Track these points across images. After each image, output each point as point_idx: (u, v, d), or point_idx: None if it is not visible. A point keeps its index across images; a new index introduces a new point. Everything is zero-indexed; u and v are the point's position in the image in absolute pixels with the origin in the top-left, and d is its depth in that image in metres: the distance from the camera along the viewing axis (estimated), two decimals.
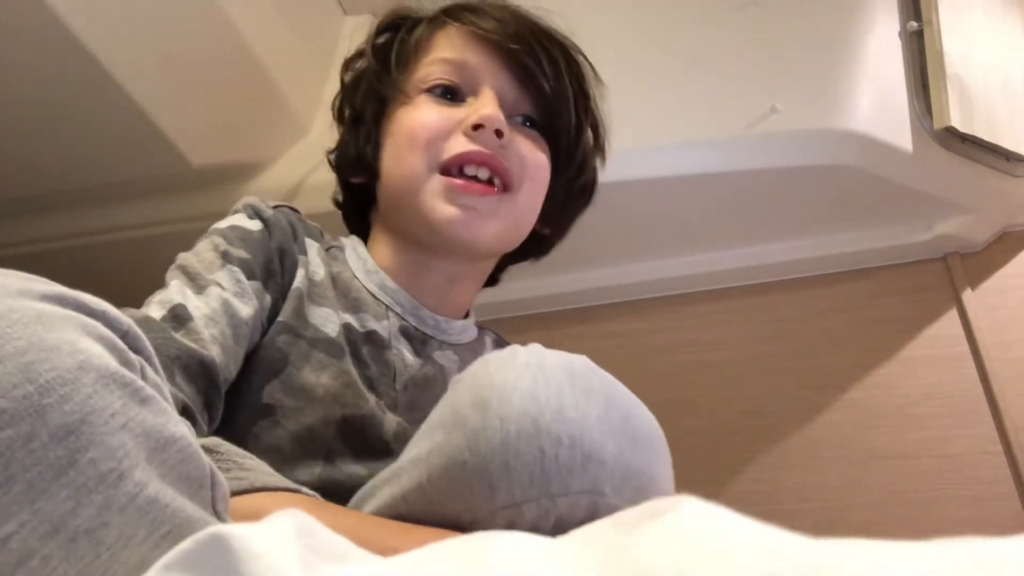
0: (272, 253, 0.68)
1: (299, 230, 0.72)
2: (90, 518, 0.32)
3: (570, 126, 0.76)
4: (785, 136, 1.14)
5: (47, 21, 0.88)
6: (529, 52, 0.72)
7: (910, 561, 0.22)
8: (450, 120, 0.70)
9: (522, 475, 0.41)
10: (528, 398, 0.42)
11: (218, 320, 0.59)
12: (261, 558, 0.24)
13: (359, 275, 0.73)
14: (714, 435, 1.29)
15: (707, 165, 1.17)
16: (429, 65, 0.74)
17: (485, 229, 0.70)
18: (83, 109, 1.01)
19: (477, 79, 0.73)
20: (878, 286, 1.32)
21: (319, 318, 0.67)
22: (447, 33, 0.76)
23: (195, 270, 0.62)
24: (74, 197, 1.19)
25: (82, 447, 0.32)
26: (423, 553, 0.27)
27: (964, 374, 1.22)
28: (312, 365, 0.64)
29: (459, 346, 0.76)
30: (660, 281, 1.37)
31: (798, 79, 1.15)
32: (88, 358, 0.34)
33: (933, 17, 1.17)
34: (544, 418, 0.42)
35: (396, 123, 0.74)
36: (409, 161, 0.70)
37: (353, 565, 0.26)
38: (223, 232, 0.67)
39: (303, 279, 0.68)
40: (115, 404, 0.34)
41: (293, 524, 0.26)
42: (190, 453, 0.37)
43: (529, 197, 0.73)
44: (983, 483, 1.16)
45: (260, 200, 0.71)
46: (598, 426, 0.43)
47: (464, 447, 0.43)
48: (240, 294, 0.62)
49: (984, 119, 1.17)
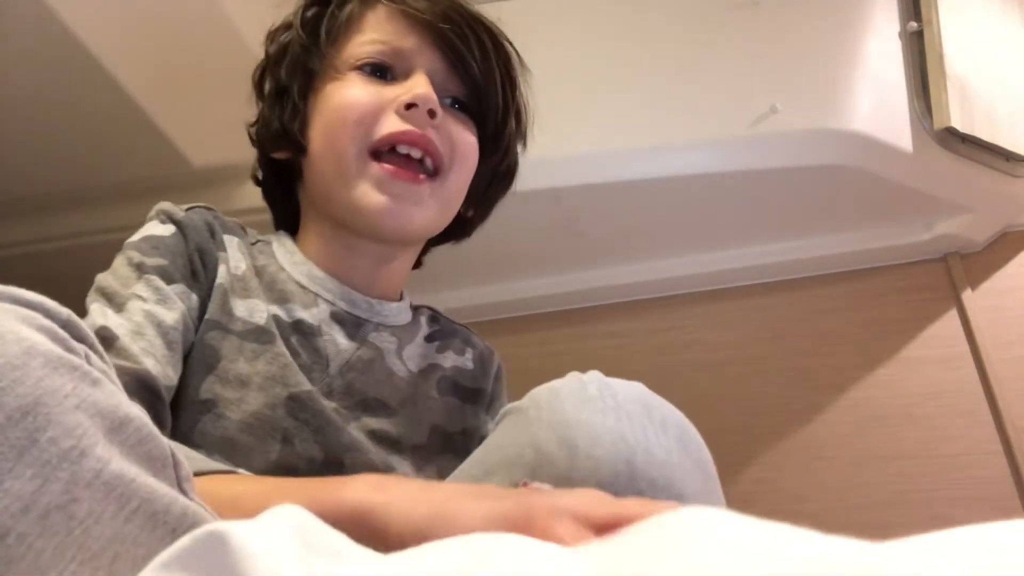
0: (191, 253, 0.68)
1: (216, 227, 0.72)
2: (58, 494, 0.32)
3: (498, 109, 0.76)
4: (785, 136, 1.14)
5: (47, 21, 0.88)
6: (459, 34, 0.72)
7: (910, 559, 0.22)
8: (382, 98, 0.70)
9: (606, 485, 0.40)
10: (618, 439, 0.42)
11: (144, 332, 0.60)
12: (259, 556, 0.23)
13: (286, 267, 0.73)
14: (714, 435, 1.28)
15: (707, 165, 1.17)
16: (360, 43, 0.73)
17: (414, 218, 0.70)
18: (83, 109, 1.02)
19: (408, 58, 0.72)
20: (878, 286, 1.32)
21: (245, 310, 0.68)
22: (378, 11, 0.75)
23: (112, 289, 0.62)
24: (74, 197, 1.19)
25: (40, 427, 0.32)
26: (423, 552, 0.27)
27: (964, 374, 1.22)
28: (245, 356, 0.65)
29: (396, 327, 0.77)
30: (660, 281, 1.37)
31: (798, 79, 1.16)
32: (33, 344, 0.34)
33: (933, 17, 1.17)
34: (637, 460, 0.41)
35: (325, 99, 0.72)
36: (340, 140, 0.69)
37: (351, 563, 0.26)
38: (136, 245, 0.67)
39: (225, 274, 0.69)
40: (67, 386, 0.34)
41: (291, 522, 0.26)
42: (147, 433, 0.38)
43: (458, 180, 0.74)
44: (983, 483, 1.16)
45: (172, 204, 0.71)
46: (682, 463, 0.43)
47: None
48: (162, 300, 0.63)
49: (984, 119, 1.17)
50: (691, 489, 0.43)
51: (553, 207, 1.21)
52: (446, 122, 0.72)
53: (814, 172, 1.16)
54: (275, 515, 0.27)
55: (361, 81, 0.71)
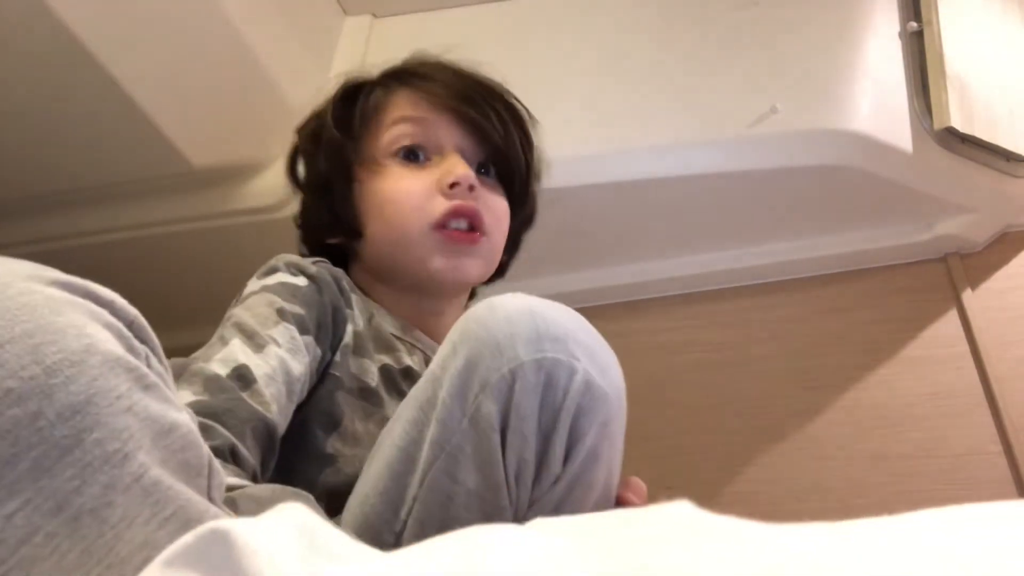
0: (325, 308, 0.72)
1: (343, 282, 0.77)
2: (94, 497, 0.32)
3: (522, 169, 0.85)
4: (785, 136, 1.14)
5: (48, 21, 0.88)
6: (479, 111, 0.81)
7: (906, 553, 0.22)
8: (427, 183, 0.78)
9: (523, 339, 0.53)
10: (524, 301, 0.55)
11: (276, 379, 0.63)
12: (262, 553, 0.24)
13: (384, 323, 0.79)
14: (714, 435, 1.29)
15: (707, 165, 1.17)
16: (391, 127, 0.81)
17: (470, 270, 0.80)
18: (83, 109, 1.02)
19: (437, 138, 0.81)
20: (878, 286, 1.32)
21: (361, 369, 0.73)
22: (400, 95, 0.83)
23: (252, 328, 0.65)
24: (74, 197, 1.19)
25: (88, 427, 0.33)
26: (423, 551, 0.27)
27: (964, 374, 1.22)
28: (359, 416, 0.70)
29: None
30: (660, 281, 1.37)
31: (798, 79, 1.16)
32: (94, 342, 0.35)
33: (933, 17, 1.17)
34: (537, 309, 0.54)
35: (376, 193, 0.80)
36: (402, 225, 0.78)
37: (353, 562, 0.26)
38: (274, 288, 0.70)
39: (351, 334, 0.74)
40: (120, 387, 0.35)
41: (294, 520, 0.26)
42: (191, 440, 0.38)
43: (498, 238, 0.83)
44: (983, 483, 1.16)
45: (298, 257, 0.76)
46: (571, 322, 0.55)
47: (477, 328, 0.54)
48: (294, 351, 0.66)
49: (984, 119, 1.17)
50: (581, 338, 0.55)
51: (553, 207, 1.21)
52: (482, 191, 0.80)
53: (814, 172, 1.17)
54: (279, 513, 0.27)
55: (403, 170, 0.80)
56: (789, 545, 0.24)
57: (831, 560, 0.23)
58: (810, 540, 0.25)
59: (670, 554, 0.25)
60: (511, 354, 0.53)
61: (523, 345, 0.53)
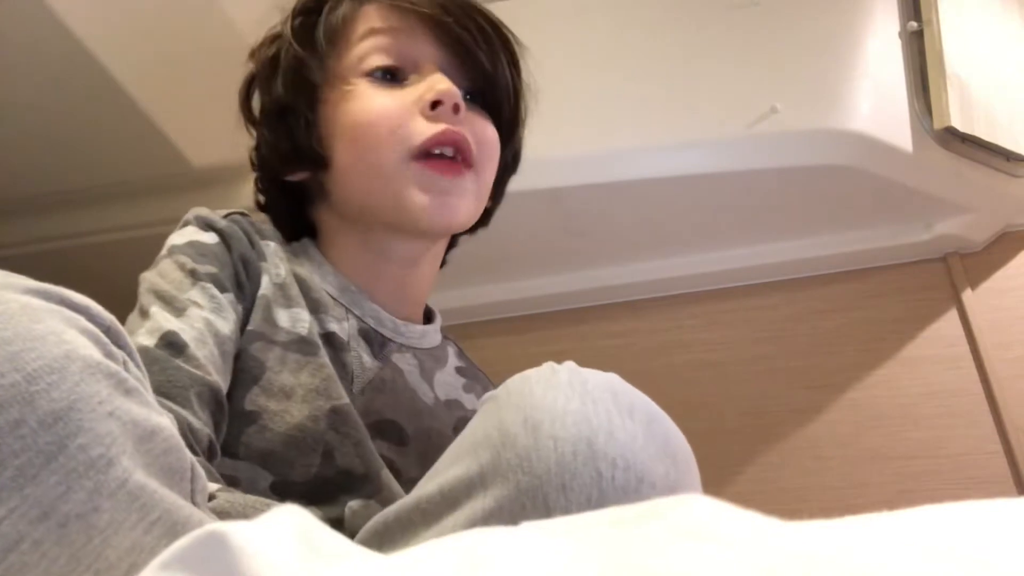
0: (236, 264, 0.67)
1: (254, 235, 0.71)
2: (81, 503, 0.32)
3: (510, 96, 0.75)
4: (785, 136, 1.14)
5: (47, 21, 0.88)
6: (461, 24, 0.70)
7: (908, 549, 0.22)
8: (404, 103, 0.68)
9: (580, 496, 0.40)
10: (581, 420, 0.42)
11: (206, 341, 0.59)
12: (259, 556, 0.23)
13: (316, 277, 0.72)
14: (714, 435, 1.29)
15: (707, 165, 1.17)
16: (362, 46, 0.71)
17: (459, 210, 0.69)
18: (83, 109, 1.01)
19: (416, 56, 0.71)
20: (878, 286, 1.32)
21: (289, 319, 0.67)
22: (372, 8, 0.73)
23: (169, 293, 0.61)
24: (74, 197, 1.19)
25: (71, 433, 0.33)
26: (421, 552, 0.27)
27: (964, 374, 1.22)
28: (289, 367, 0.64)
29: (419, 350, 0.76)
30: (660, 281, 1.37)
31: (798, 79, 1.15)
32: (74, 348, 0.34)
33: (933, 17, 1.17)
34: (598, 440, 0.41)
35: (344, 114, 0.70)
36: (376, 152, 0.68)
37: (352, 564, 0.26)
38: (183, 250, 0.65)
39: (268, 284, 0.68)
40: (102, 392, 0.34)
41: (292, 522, 0.26)
42: (173, 444, 0.38)
43: (488, 174, 0.73)
44: (983, 483, 1.16)
45: (209, 211, 0.70)
46: (646, 447, 0.43)
47: (517, 467, 0.42)
48: (217, 309, 0.62)
49: (984, 119, 1.17)
50: (655, 473, 0.42)
51: (553, 207, 1.21)
52: (469, 117, 0.70)
53: (814, 172, 1.16)
54: (276, 515, 0.27)
55: (376, 89, 0.70)
56: (796, 545, 0.24)
57: (839, 562, 0.23)
58: (818, 540, 0.24)
59: (673, 554, 0.25)
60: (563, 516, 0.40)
61: (579, 505, 0.40)
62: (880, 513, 0.28)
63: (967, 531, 0.24)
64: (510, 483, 0.42)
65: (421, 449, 0.70)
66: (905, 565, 0.22)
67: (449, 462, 0.48)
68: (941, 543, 0.24)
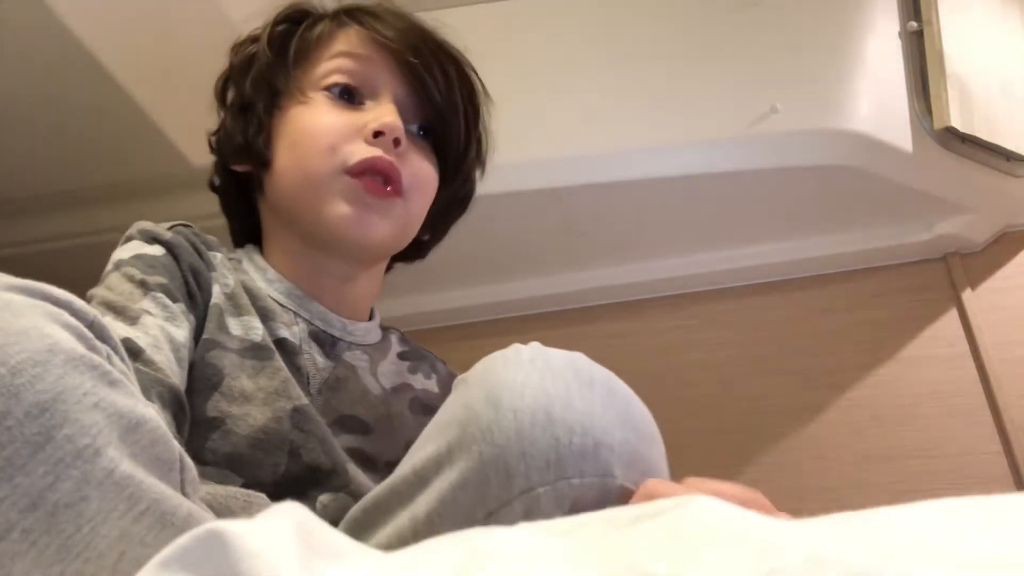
0: (185, 275, 0.68)
1: (200, 246, 0.72)
2: (69, 492, 0.32)
3: (459, 138, 0.79)
4: (785, 136, 1.14)
5: (47, 21, 0.88)
6: (425, 64, 0.75)
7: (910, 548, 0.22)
8: (351, 125, 0.72)
9: (539, 461, 0.43)
10: (539, 392, 0.44)
11: (161, 346, 0.60)
12: (259, 555, 0.23)
13: (261, 285, 0.74)
14: (714, 435, 1.29)
15: (707, 165, 1.17)
16: (328, 65, 0.75)
17: (376, 228, 0.72)
18: (83, 109, 1.01)
19: (375, 83, 0.75)
20: (878, 286, 1.32)
21: (241, 328, 0.68)
22: (349, 34, 0.77)
23: (120, 304, 0.61)
24: (74, 197, 1.19)
25: (57, 424, 0.33)
26: (419, 551, 0.27)
27: (964, 374, 1.22)
28: (247, 372, 0.66)
29: (367, 346, 0.79)
30: (660, 281, 1.37)
31: (798, 79, 1.15)
32: (57, 342, 0.35)
33: (933, 17, 1.17)
34: (555, 409, 0.44)
35: (293, 121, 0.74)
36: (311, 162, 0.71)
37: (350, 563, 0.26)
38: (130, 263, 0.66)
39: (219, 293, 0.69)
40: (86, 384, 0.35)
41: (291, 521, 0.26)
42: (160, 435, 0.38)
43: (417, 205, 0.76)
44: (983, 483, 1.16)
45: (152, 224, 0.72)
46: (604, 415, 0.45)
47: (480, 439, 0.44)
48: (171, 318, 0.63)
49: (984, 119, 1.17)
50: (613, 438, 0.45)
51: (553, 207, 1.21)
52: (409, 150, 0.74)
53: (814, 172, 1.16)
54: (275, 514, 0.27)
55: (329, 105, 0.73)
56: (797, 545, 0.24)
57: (839, 562, 0.23)
58: (818, 540, 0.24)
59: (673, 554, 0.25)
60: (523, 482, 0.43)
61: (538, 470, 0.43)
62: (880, 510, 0.28)
63: (967, 529, 0.25)
64: (473, 455, 0.44)
65: (385, 432, 0.73)
66: (905, 565, 0.22)
67: (421, 444, 0.50)
68: (941, 542, 0.24)
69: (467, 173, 0.84)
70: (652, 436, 0.49)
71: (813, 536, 0.25)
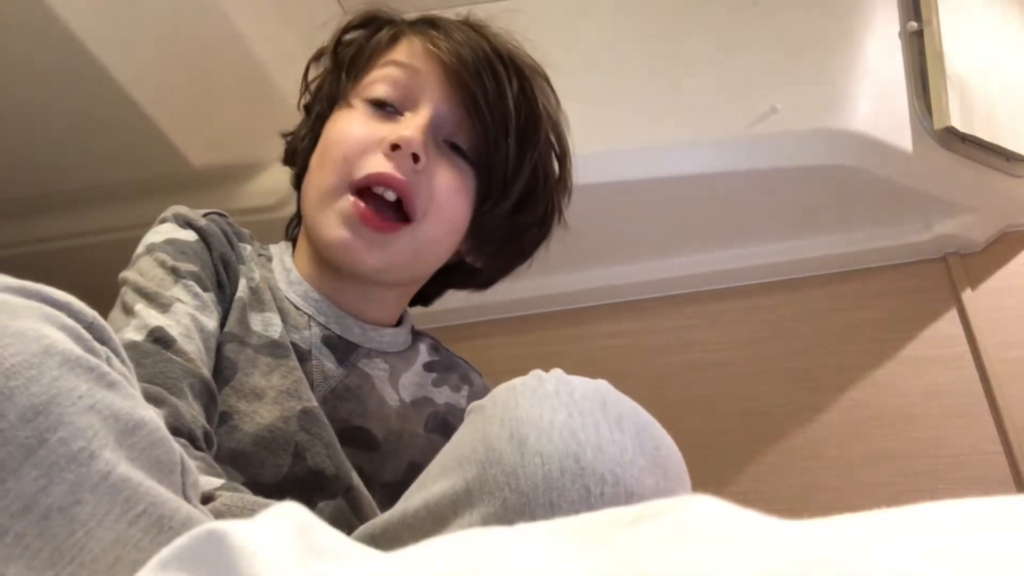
0: (216, 264, 0.68)
1: (232, 237, 0.72)
2: (62, 496, 0.32)
3: (507, 161, 0.71)
4: (785, 136, 1.14)
5: (47, 21, 0.88)
6: (476, 78, 0.69)
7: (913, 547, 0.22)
8: (373, 136, 0.69)
9: (568, 514, 0.39)
10: (567, 434, 0.41)
11: (192, 336, 0.60)
12: (258, 555, 0.23)
13: (282, 285, 0.73)
14: (714, 435, 1.29)
15: (707, 165, 1.17)
16: (378, 70, 0.73)
17: (367, 258, 0.68)
18: (83, 109, 1.01)
19: (417, 95, 0.71)
20: (878, 286, 1.32)
21: (261, 323, 0.68)
22: (404, 44, 0.74)
23: (152, 290, 0.61)
24: (74, 197, 1.19)
25: (51, 427, 0.33)
26: (419, 551, 0.27)
27: (964, 374, 1.22)
28: (261, 370, 0.65)
29: (390, 354, 0.76)
30: (660, 281, 1.37)
31: (798, 79, 1.15)
32: (52, 343, 0.34)
33: (933, 17, 1.17)
34: (586, 456, 0.41)
35: (329, 128, 0.73)
36: (325, 172, 0.70)
37: (350, 562, 0.26)
38: (162, 248, 0.65)
39: (244, 287, 0.69)
40: (81, 387, 0.35)
41: (290, 521, 0.26)
42: (159, 437, 0.38)
43: (434, 229, 0.71)
44: (983, 483, 1.16)
45: (188, 209, 0.71)
46: (635, 460, 0.42)
47: (504, 484, 0.41)
48: (201, 307, 0.63)
49: (984, 119, 1.17)
50: (644, 487, 0.42)
51: None
52: (434, 167, 0.69)
53: (814, 172, 1.16)
54: (275, 514, 0.27)
55: (365, 115, 0.71)
56: (797, 545, 0.24)
57: (839, 562, 0.23)
58: (818, 540, 0.24)
59: (672, 554, 0.25)
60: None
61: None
62: (880, 511, 0.28)
63: (967, 530, 0.24)
64: (497, 500, 0.41)
65: (393, 450, 0.70)
66: (905, 565, 0.22)
67: (435, 475, 0.47)
68: (941, 543, 0.24)
69: (527, 198, 0.76)
70: (680, 475, 0.47)
71: (813, 536, 0.25)
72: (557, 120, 0.78)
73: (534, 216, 0.78)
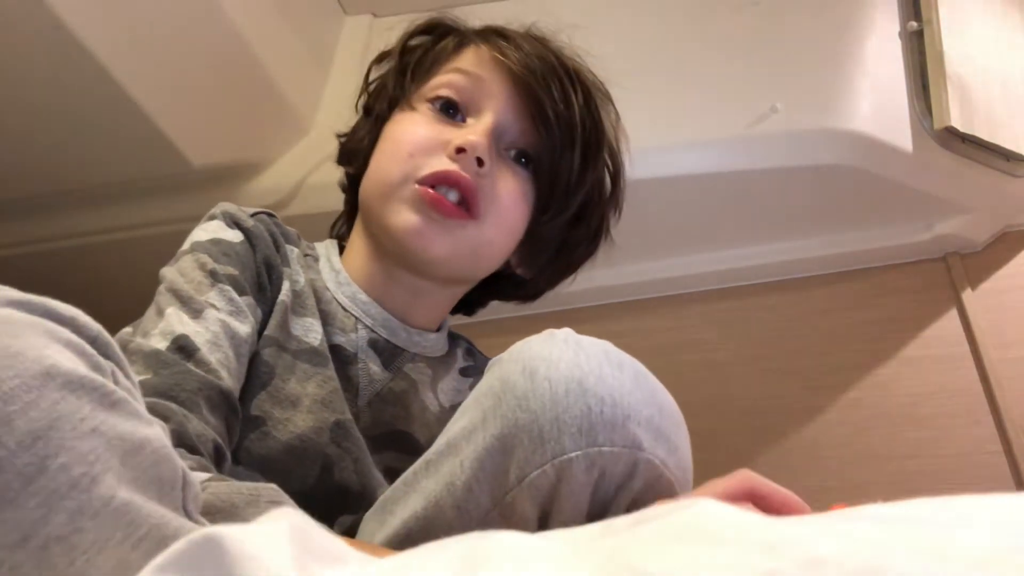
0: (259, 267, 0.67)
1: (279, 239, 0.71)
2: (62, 525, 0.31)
3: (570, 172, 0.72)
4: (785, 136, 1.14)
5: (47, 22, 0.88)
6: (544, 87, 0.70)
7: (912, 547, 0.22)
8: (438, 138, 0.69)
9: (571, 427, 0.46)
10: (573, 365, 0.47)
11: (221, 344, 0.59)
12: (255, 559, 0.23)
13: (330, 286, 0.72)
14: (714, 435, 1.29)
15: (707, 165, 1.17)
16: (443, 75, 0.73)
17: (436, 243, 0.68)
18: (83, 109, 1.01)
19: (481, 101, 0.71)
20: (878, 286, 1.32)
21: (302, 329, 0.67)
22: (471, 51, 0.75)
23: (187, 293, 0.61)
24: (74, 197, 1.19)
25: (51, 453, 0.32)
26: (416, 554, 0.27)
27: (964, 374, 1.22)
28: (297, 376, 0.65)
29: (432, 359, 0.76)
30: (660, 281, 1.37)
31: (798, 79, 1.15)
32: (55, 363, 0.33)
33: (933, 17, 1.17)
34: (588, 381, 0.47)
35: (391, 128, 0.74)
36: (388, 167, 0.70)
37: (348, 567, 0.26)
38: (206, 248, 0.65)
39: (287, 291, 0.68)
40: (84, 409, 0.33)
41: (287, 525, 0.26)
42: (163, 455, 0.37)
43: (494, 232, 0.71)
44: (983, 483, 1.16)
45: (237, 207, 0.70)
46: (632, 392, 0.48)
47: (515, 406, 0.47)
48: (235, 313, 0.62)
49: (984, 119, 1.17)
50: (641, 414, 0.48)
51: None
52: (498, 174, 0.70)
53: (814, 172, 1.16)
54: (272, 519, 0.27)
55: (428, 118, 0.71)
56: (797, 545, 0.24)
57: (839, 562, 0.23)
58: (818, 540, 0.24)
59: (671, 555, 0.25)
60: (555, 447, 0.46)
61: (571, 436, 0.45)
62: (880, 508, 0.28)
63: (967, 530, 0.24)
64: (508, 420, 0.47)
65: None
66: (905, 565, 0.22)
67: (457, 418, 0.53)
68: (941, 542, 0.24)
69: (585, 210, 0.77)
70: (677, 419, 0.52)
71: (812, 536, 0.25)
72: (617, 137, 0.79)
73: (587, 231, 0.80)
